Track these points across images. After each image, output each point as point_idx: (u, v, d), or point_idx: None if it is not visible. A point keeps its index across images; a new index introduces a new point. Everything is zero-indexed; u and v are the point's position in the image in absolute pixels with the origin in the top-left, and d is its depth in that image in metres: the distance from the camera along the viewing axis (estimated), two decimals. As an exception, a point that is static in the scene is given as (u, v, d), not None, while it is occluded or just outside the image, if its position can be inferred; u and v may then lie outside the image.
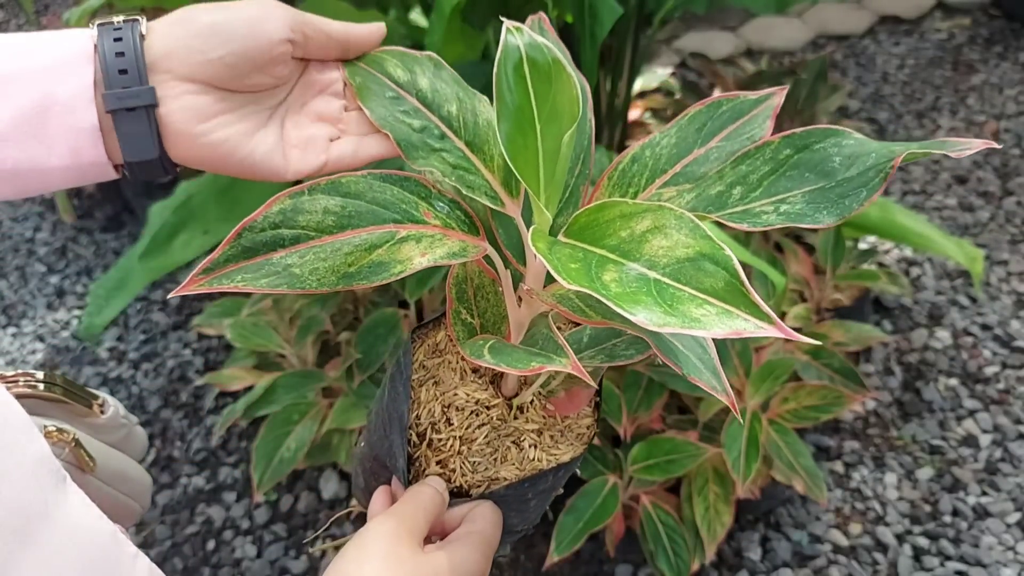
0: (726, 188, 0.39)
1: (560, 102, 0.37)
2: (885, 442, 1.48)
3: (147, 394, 1.71)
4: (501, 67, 0.38)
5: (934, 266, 1.76)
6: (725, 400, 0.38)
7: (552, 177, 0.39)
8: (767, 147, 0.40)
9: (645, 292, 0.32)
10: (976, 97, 2.18)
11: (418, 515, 0.44)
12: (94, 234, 2.14)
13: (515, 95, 0.37)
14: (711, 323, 0.31)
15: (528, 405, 0.49)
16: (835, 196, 0.37)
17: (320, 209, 0.39)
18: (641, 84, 1.82)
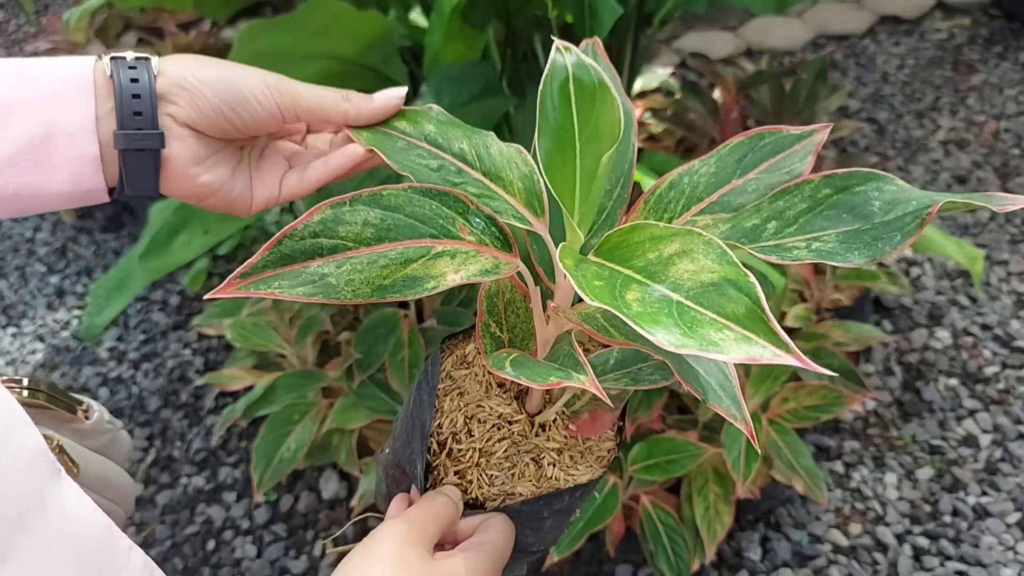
0: (762, 222, 0.39)
1: (602, 123, 0.37)
2: (885, 442, 1.48)
3: (147, 394, 1.71)
4: (547, 85, 0.38)
5: (934, 266, 1.76)
6: (744, 429, 0.38)
7: (587, 196, 0.39)
8: (806, 185, 0.41)
9: (666, 313, 0.33)
10: (976, 97, 2.18)
11: (429, 521, 0.44)
12: (94, 234, 2.14)
13: (558, 113, 0.38)
14: (729, 347, 0.31)
15: (551, 424, 0.49)
16: (869, 238, 0.37)
17: (360, 221, 0.39)
18: (641, 84, 1.82)
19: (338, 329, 1.42)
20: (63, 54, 1.94)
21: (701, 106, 1.66)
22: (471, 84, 1.09)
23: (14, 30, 3.05)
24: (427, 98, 1.05)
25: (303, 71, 1.14)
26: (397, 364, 1.24)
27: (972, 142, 2.05)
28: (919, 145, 2.06)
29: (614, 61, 1.32)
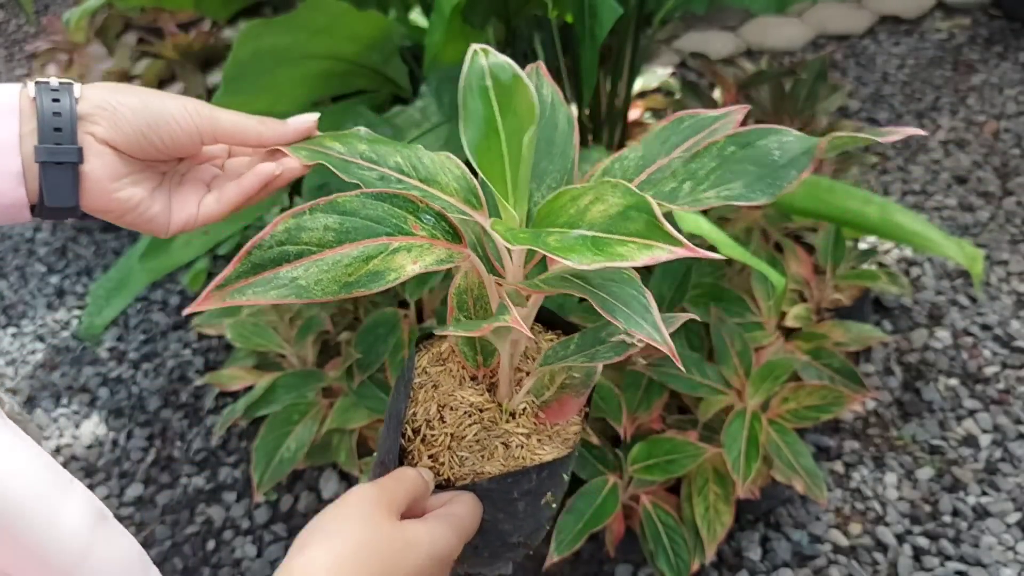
0: (678, 184, 0.44)
1: (521, 110, 0.42)
2: (885, 442, 1.48)
3: (147, 394, 1.71)
4: (467, 83, 0.44)
5: (934, 266, 1.76)
6: (666, 351, 0.40)
7: (517, 175, 0.43)
8: (714, 146, 0.45)
9: (581, 244, 0.38)
10: (976, 97, 2.18)
11: (398, 489, 0.47)
12: (94, 234, 2.14)
13: (480, 106, 0.43)
14: (632, 255, 0.37)
15: (520, 412, 0.52)
16: (770, 180, 0.42)
17: (320, 227, 0.42)
18: (641, 84, 1.82)
19: (338, 329, 1.41)
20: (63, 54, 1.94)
21: (701, 106, 1.66)
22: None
23: (14, 30, 3.05)
24: (427, 98, 1.06)
25: (303, 71, 1.14)
26: (397, 364, 1.24)
27: (972, 142, 2.05)
28: (919, 145, 2.06)
29: (614, 61, 1.32)
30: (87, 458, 1.61)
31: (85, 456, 1.62)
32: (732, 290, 1.27)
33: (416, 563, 0.44)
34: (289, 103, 1.19)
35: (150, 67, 2.10)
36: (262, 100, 1.16)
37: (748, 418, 1.15)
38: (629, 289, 0.41)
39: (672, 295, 1.24)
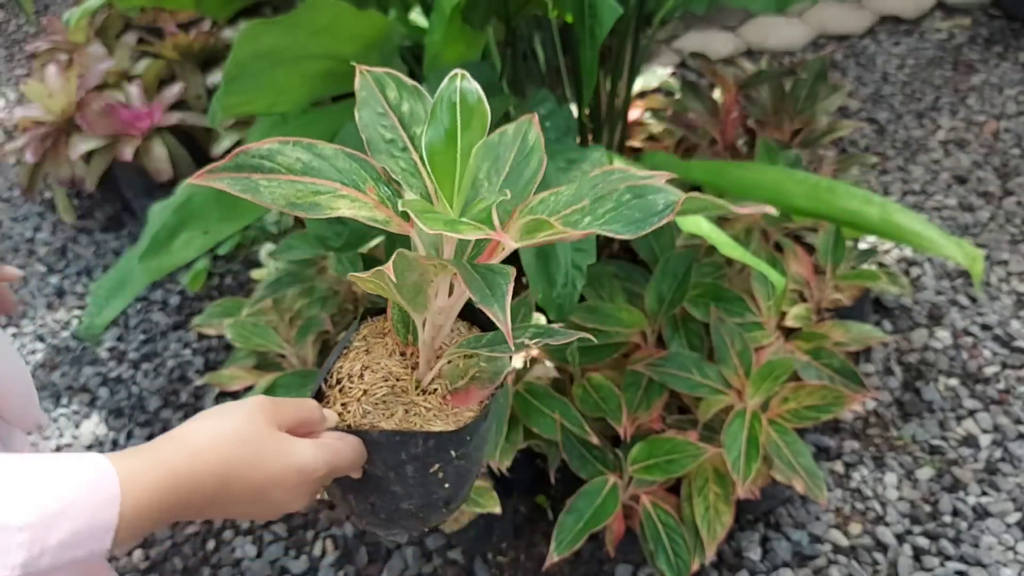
0: (581, 217, 0.53)
1: (476, 125, 0.53)
2: (885, 442, 1.48)
3: (147, 394, 1.71)
4: (441, 96, 0.53)
5: (934, 266, 1.76)
6: (503, 328, 0.46)
7: (464, 174, 0.53)
8: (616, 193, 0.54)
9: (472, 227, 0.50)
10: (976, 97, 2.18)
11: (289, 407, 0.53)
12: (94, 234, 2.14)
13: (447, 116, 0.53)
14: (467, 230, 0.48)
15: (432, 391, 0.59)
16: (642, 224, 0.51)
17: (294, 157, 0.53)
18: (641, 84, 1.82)
19: (338, 329, 1.41)
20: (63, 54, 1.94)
21: (701, 106, 1.66)
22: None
23: (14, 30, 3.05)
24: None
25: (303, 70, 1.14)
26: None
27: (972, 142, 2.05)
28: (919, 145, 2.06)
29: (615, 61, 1.32)
30: (87, 458, 1.61)
31: (85, 456, 1.62)
32: (732, 290, 1.27)
33: (281, 467, 0.50)
34: (289, 103, 1.19)
35: (150, 67, 2.10)
36: (262, 100, 1.16)
37: (748, 418, 1.15)
38: (501, 280, 0.48)
39: (672, 295, 1.24)
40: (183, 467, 0.47)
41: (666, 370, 1.19)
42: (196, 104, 2.10)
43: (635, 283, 1.36)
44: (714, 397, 1.19)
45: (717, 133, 1.63)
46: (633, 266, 1.38)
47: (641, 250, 1.35)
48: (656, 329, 1.27)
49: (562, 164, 1.00)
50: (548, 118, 1.08)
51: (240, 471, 0.49)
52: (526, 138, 0.61)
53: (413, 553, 1.38)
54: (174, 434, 0.49)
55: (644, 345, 1.28)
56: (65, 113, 2.01)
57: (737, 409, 1.16)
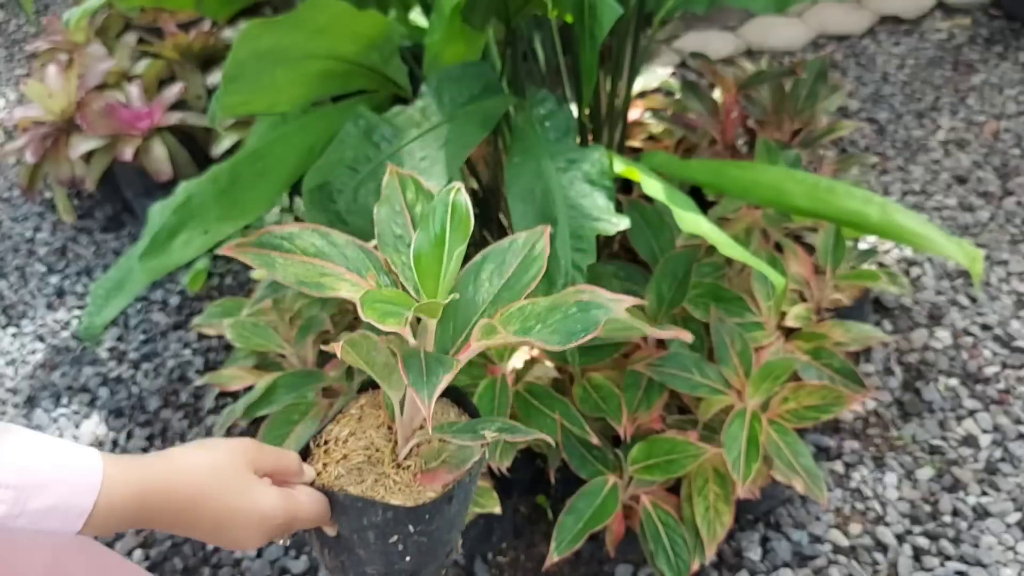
0: (534, 323, 0.60)
1: (462, 232, 0.61)
2: (885, 442, 1.48)
3: (147, 394, 1.71)
4: (438, 200, 0.61)
5: (934, 266, 1.76)
6: (423, 409, 0.52)
7: (447, 274, 0.60)
8: (566, 305, 0.61)
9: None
10: (976, 97, 2.18)
11: (271, 455, 0.58)
12: (94, 234, 2.14)
13: (438, 222, 0.61)
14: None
15: (406, 467, 0.63)
16: (573, 334, 0.58)
17: (310, 242, 0.61)
18: (641, 84, 1.82)
19: (338, 329, 1.42)
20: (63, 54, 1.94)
21: (701, 106, 1.66)
22: (471, 84, 1.09)
23: (14, 30, 3.05)
24: (427, 98, 1.06)
25: (303, 70, 1.14)
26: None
27: (972, 142, 2.05)
28: (919, 145, 2.06)
29: (614, 61, 1.32)
30: (87, 458, 1.62)
31: (85, 456, 1.62)
32: (732, 290, 1.28)
33: (242, 505, 0.55)
34: (289, 103, 1.19)
35: (150, 67, 2.10)
36: (262, 100, 1.16)
37: (748, 418, 1.15)
38: (439, 368, 0.55)
39: (672, 295, 1.24)
40: (160, 482, 0.53)
41: (666, 370, 1.19)
42: (196, 104, 2.10)
43: (635, 283, 1.36)
44: (714, 397, 1.19)
45: (717, 133, 1.63)
46: (633, 266, 1.38)
47: (641, 250, 1.35)
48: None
49: (562, 164, 1.00)
50: (548, 118, 1.08)
51: (206, 499, 0.54)
52: (533, 248, 0.68)
53: (413, 553, 1.38)
54: (164, 453, 0.56)
55: (644, 345, 1.28)
56: (65, 113, 2.01)
57: (737, 409, 1.17)
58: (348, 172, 0.99)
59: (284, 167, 1.18)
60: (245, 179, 1.18)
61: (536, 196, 0.97)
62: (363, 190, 0.98)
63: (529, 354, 1.32)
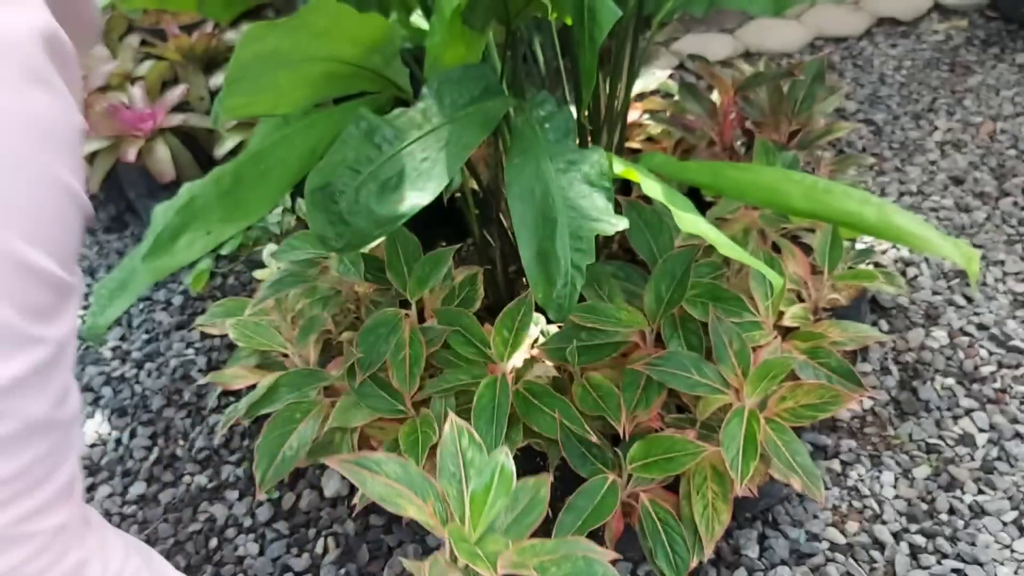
0: (548, 566, 0.82)
1: (504, 487, 0.84)
2: (882, 441, 1.49)
3: (150, 393, 1.73)
4: (491, 461, 0.87)
5: (931, 266, 1.77)
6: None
7: (489, 514, 0.83)
8: (575, 558, 0.84)
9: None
10: (973, 98, 2.19)
11: None
12: (97, 234, 2.15)
13: (488, 475, 0.84)
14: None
15: None
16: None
17: (392, 468, 0.87)
18: (640, 86, 1.83)
19: (340, 329, 1.43)
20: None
21: (699, 107, 1.67)
22: (471, 86, 1.10)
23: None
24: (428, 100, 1.07)
25: (305, 72, 1.15)
26: (398, 363, 1.26)
27: (969, 143, 2.06)
28: (916, 146, 2.07)
29: (613, 63, 1.33)
30: (90, 456, 1.63)
31: (88, 455, 1.63)
32: (730, 290, 1.29)
33: None
34: (290, 105, 1.20)
35: (153, 69, 2.12)
36: (264, 102, 1.17)
37: (746, 417, 1.16)
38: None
39: (671, 295, 1.25)
40: None
41: (665, 369, 1.20)
42: (199, 106, 2.11)
43: (634, 283, 1.37)
44: (712, 396, 1.20)
45: (715, 134, 1.64)
46: (632, 266, 1.39)
47: (640, 250, 1.36)
48: (655, 328, 1.28)
49: (561, 165, 1.01)
50: (548, 120, 1.09)
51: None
52: (538, 493, 0.93)
53: (414, 551, 1.39)
54: None
55: (643, 344, 1.29)
56: (68, 114, 2.02)
57: (735, 408, 1.18)
58: (350, 173, 1.00)
59: (286, 168, 1.19)
60: (248, 180, 1.18)
61: (536, 197, 0.98)
62: (364, 191, 0.99)
63: (528, 353, 1.33)
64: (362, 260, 1.37)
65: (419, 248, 1.39)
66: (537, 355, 1.33)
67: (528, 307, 1.27)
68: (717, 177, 1.21)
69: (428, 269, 1.34)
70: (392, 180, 0.99)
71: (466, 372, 1.27)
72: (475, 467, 0.87)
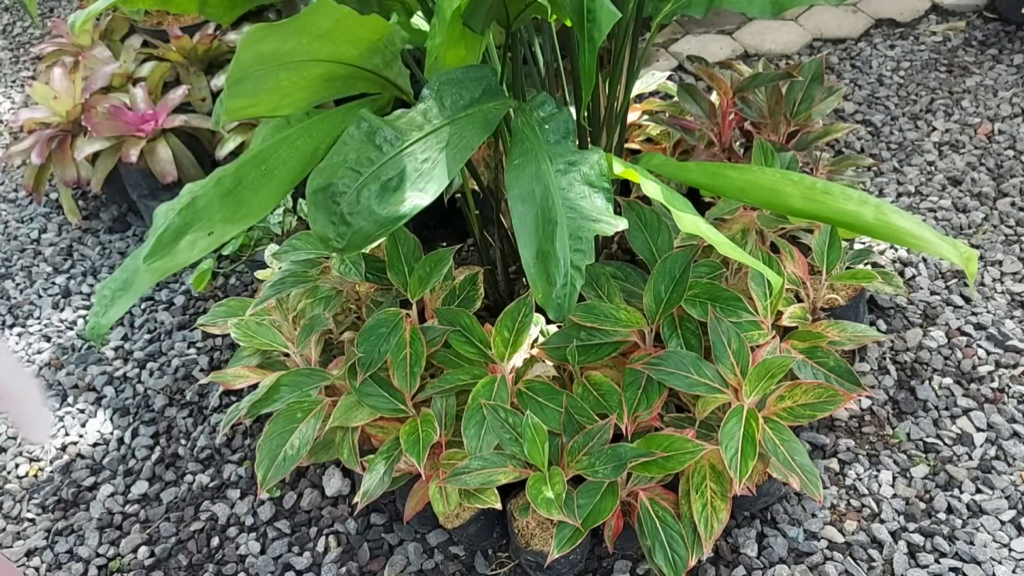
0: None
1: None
2: (880, 440, 1.50)
3: (152, 393, 1.73)
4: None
5: (928, 267, 1.78)
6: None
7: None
8: None
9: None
10: (971, 99, 2.20)
11: None
12: (100, 235, 2.16)
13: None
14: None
15: None
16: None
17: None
18: (639, 87, 1.84)
19: (341, 328, 1.43)
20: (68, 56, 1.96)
21: (698, 108, 1.68)
22: (472, 87, 1.10)
23: (19, 32, 3.07)
24: (429, 101, 1.07)
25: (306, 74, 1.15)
26: (399, 363, 1.26)
27: (966, 144, 2.07)
28: (914, 147, 2.08)
29: (613, 65, 1.34)
30: (93, 456, 1.63)
31: (91, 454, 1.64)
32: (729, 290, 1.29)
33: None
34: (292, 106, 1.21)
35: (155, 70, 2.13)
36: (265, 103, 1.18)
37: (744, 416, 1.17)
38: None
39: (670, 295, 1.26)
40: None
41: (664, 368, 1.21)
42: (200, 106, 2.12)
43: (633, 283, 1.38)
44: (711, 395, 1.21)
45: (714, 135, 1.65)
46: (631, 267, 1.40)
47: (640, 250, 1.37)
48: (654, 328, 1.29)
49: (561, 166, 1.02)
50: (547, 121, 1.10)
51: None
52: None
53: (415, 549, 1.40)
54: None
55: (642, 344, 1.30)
56: (71, 115, 2.03)
57: (734, 407, 1.18)
58: (351, 174, 1.01)
59: (288, 169, 1.20)
60: (249, 181, 1.19)
61: (536, 197, 0.99)
62: (366, 191, 1.00)
63: (528, 352, 1.33)
64: (363, 260, 1.38)
65: (420, 248, 1.40)
66: (537, 355, 1.34)
67: (528, 307, 1.28)
68: (716, 178, 1.22)
69: (429, 269, 1.35)
70: (393, 180, 0.99)
71: (467, 372, 1.28)
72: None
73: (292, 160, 1.21)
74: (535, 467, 1.16)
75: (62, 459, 1.64)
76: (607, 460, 1.15)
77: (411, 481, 1.31)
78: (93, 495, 1.57)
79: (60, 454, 1.65)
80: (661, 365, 1.22)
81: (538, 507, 1.11)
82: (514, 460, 1.18)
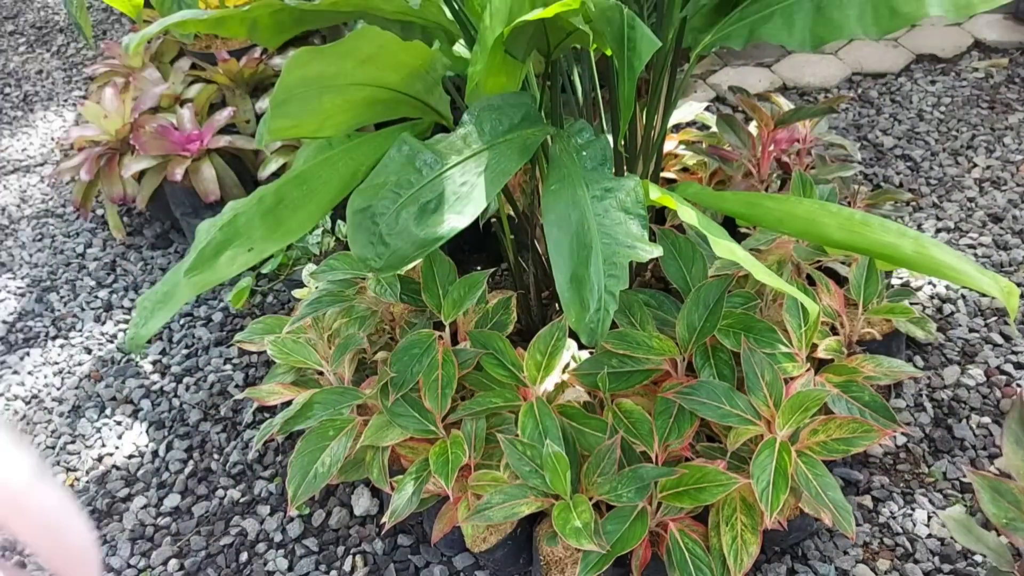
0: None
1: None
2: (915, 478, 1.47)
3: (187, 407, 1.76)
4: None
5: (967, 303, 1.76)
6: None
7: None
8: None
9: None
10: (1013, 136, 2.18)
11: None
12: (142, 251, 2.21)
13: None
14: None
15: None
16: None
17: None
18: (677, 117, 1.85)
19: (375, 348, 1.45)
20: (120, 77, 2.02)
21: (737, 139, 1.68)
22: (511, 113, 1.12)
23: (73, 53, 3.17)
24: (468, 126, 1.09)
25: (348, 97, 1.18)
26: (431, 384, 1.27)
27: (1008, 181, 2.04)
28: (954, 183, 2.06)
29: (651, 94, 1.35)
30: (127, 468, 1.66)
31: (125, 465, 1.66)
32: (763, 321, 1.29)
33: None
34: (334, 128, 1.23)
35: (202, 92, 2.18)
36: (308, 125, 1.21)
37: (777, 449, 1.16)
38: None
39: (703, 324, 1.25)
40: None
41: (696, 398, 1.21)
42: (245, 128, 2.16)
43: (666, 311, 1.38)
44: (743, 427, 1.20)
45: (752, 166, 1.65)
46: (665, 295, 1.40)
47: (673, 279, 1.37)
48: (686, 357, 1.29)
49: (597, 192, 1.02)
50: (585, 148, 1.11)
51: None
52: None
53: (441, 572, 1.40)
54: None
55: (674, 373, 1.30)
56: (120, 134, 2.08)
57: (766, 439, 1.17)
58: (391, 195, 1.02)
59: (328, 190, 1.22)
60: (290, 200, 1.22)
61: (571, 223, 1.00)
62: (405, 213, 1.02)
63: (560, 377, 1.33)
64: (399, 281, 1.39)
65: (455, 271, 1.41)
66: (568, 380, 1.34)
67: (562, 331, 1.28)
68: (753, 207, 1.22)
69: (463, 292, 1.36)
70: (432, 203, 1.01)
71: (498, 395, 1.29)
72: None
73: (332, 181, 1.23)
74: (558, 496, 1.16)
75: (98, 470, 1.67)
76: (629, 482, 1.15)
77: (439, 503, 1.31)
78: (126, 506, 1.59)
79: (96, 464, 1.68)
80: (693, 395, 1.21)
81: (567, 537, 1.10)
82: (535, 491, 1.17)
